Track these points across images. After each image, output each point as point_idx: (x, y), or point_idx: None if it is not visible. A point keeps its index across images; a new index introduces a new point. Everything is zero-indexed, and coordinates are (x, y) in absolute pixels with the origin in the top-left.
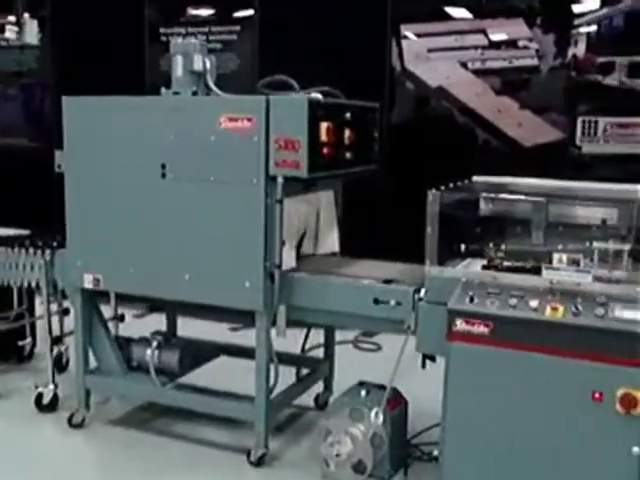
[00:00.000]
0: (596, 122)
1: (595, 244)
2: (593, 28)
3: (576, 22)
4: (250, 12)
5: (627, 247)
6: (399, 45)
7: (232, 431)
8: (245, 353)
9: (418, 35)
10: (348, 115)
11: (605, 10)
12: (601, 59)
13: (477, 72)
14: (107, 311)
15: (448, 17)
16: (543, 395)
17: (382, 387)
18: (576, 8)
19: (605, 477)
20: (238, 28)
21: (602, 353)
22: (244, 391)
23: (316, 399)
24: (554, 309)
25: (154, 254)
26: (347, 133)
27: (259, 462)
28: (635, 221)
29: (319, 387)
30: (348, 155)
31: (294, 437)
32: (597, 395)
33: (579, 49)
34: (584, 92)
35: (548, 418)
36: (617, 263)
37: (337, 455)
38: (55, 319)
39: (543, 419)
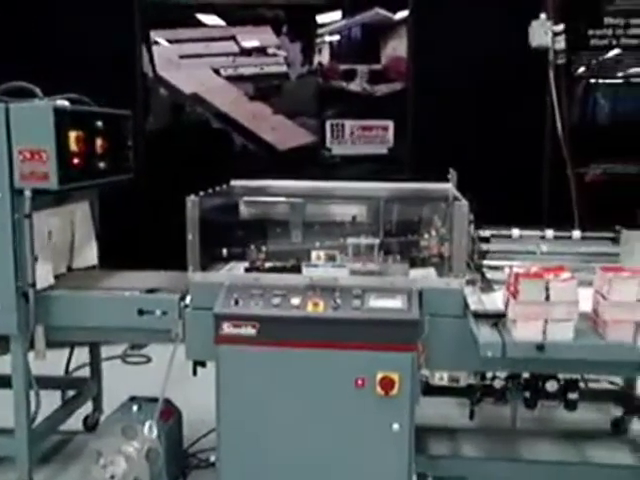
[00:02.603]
0: (343, 125)
1: (349, 240)
2: (336, 38)
3: (320, 31)
4: None
5: (377, 241)
6: (150, 51)
7: None
8: (0, 382)
9: (169, 41)
10: (99, 123)
11: (345, 21)
12: (344, 67)
13: (230, 78)
14: None
15: (199, 23)
16: (311, 388)
17: (154, 400)
18: (319, 18)
19: (372, 454)
20: None
21: (362, 342)
22: (2, 424)
23: (85, 421)
24: (315, 305)
25: None
26: (99, 142)
27: None
28: (382, 216)
29: (88, 408)
30: (101, 165)
31: (62, 465)
32: (360, 381)
33: (324, 57)
34: (331, 97)
35: (317, 409)
36: (369, 256)
37: (111, 477)
38: None
39: (313, 411)
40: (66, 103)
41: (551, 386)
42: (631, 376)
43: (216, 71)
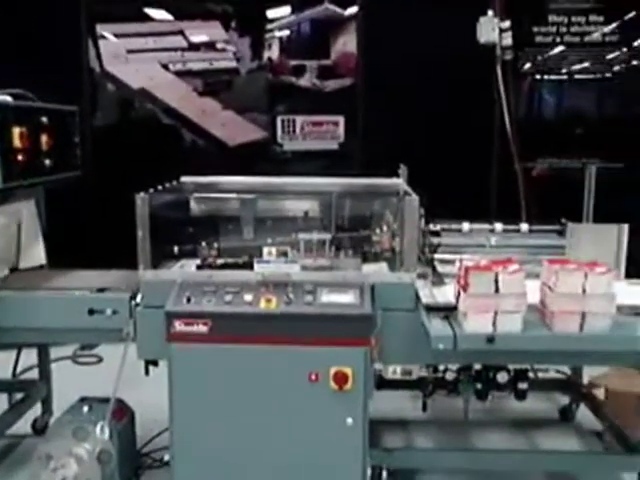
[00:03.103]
0: (294, 121)
1: (300, 235)
2: (285, 33)
3: (269, 27)
4: None
5: (328, 236)
6: (96, 45)
7: None
8: None
9: (116, 35)
10: (44, 119)
11: (294, 16)
12: (293, 62)
13: (179, 73)
14: None
15: (147, 18)
16: (265, 384)
17: (106, 400)
18: (269, 13)
19: (326, 448)
20: None
21: (314, 337)
22: None
23: (34, 424)
24: (268, 301)
25: None
26: (44, 138)
27: None
28: (333, 212)
29: (37, 411)
30: (47, 162)
31: (10, 470)
32: (313, 376)
33: (273, 52)
34: (281, 93)
35: (271, 405)
36: (321, 252)
37: None
38: None
39: (267, 407)
40: (9, 98)
41: (501, 377)
42: (578, 365)
43: (164, 66)
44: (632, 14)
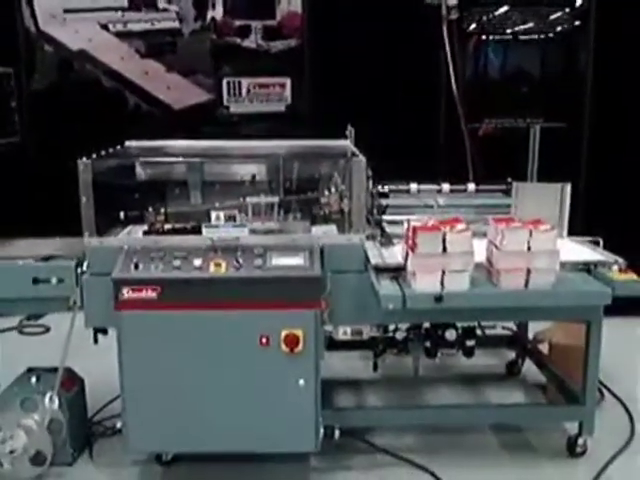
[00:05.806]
0: (240, 83)
1: (248, 199)
2: None
3: None
4: None
5: (277, 199)
6: (30, 4)
7: None
8: None
9: None
10: None
11: None
12: (238, 22)
13: (120, 35)
14: None
15: None
16: (216, 349)
17: (54, 370)
18: None
19: (280, 410)
20: None
21: (265, 301)
22: None
23: None
24: (217, 265)
25: None
26: None
27: None
28: (281, 174)
29: None
30: None
31: None
32: (264, 340)
33: (217, 12)
34: (226, 54)
35: (223, 370)
36: (269, 215)
37: (11, 452)
38: None
39: (219, 372)
40: None
41: (450, 335)
42: (523, 320)
43: (104, 27)
44: None
